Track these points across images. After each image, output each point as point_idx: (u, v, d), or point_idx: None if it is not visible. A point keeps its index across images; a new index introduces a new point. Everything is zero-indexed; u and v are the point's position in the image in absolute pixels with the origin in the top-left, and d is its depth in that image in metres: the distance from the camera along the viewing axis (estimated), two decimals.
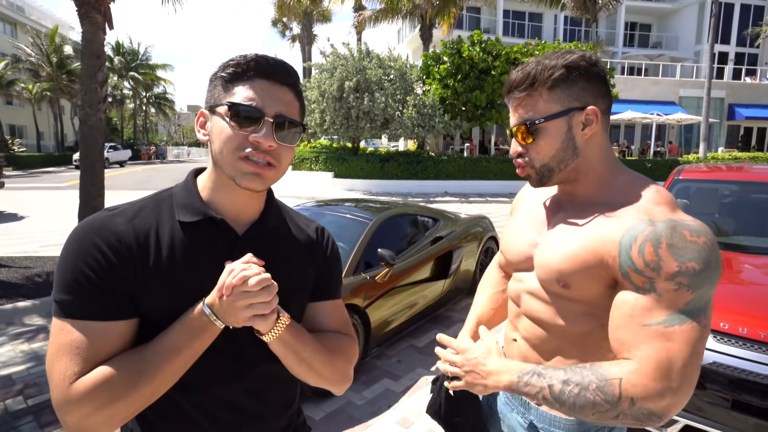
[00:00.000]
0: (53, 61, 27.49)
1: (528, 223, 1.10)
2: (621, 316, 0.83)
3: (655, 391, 0.76)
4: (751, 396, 1.95)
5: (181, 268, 0.79)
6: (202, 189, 0.86)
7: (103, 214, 0.80)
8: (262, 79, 0.80)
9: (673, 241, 0.79)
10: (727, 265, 2.79)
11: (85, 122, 5.28)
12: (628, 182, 0.95)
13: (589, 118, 0.93)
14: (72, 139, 34.40)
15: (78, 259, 0.73)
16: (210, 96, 0.83)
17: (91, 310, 0.73)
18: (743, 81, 26.34)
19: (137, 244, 0.77)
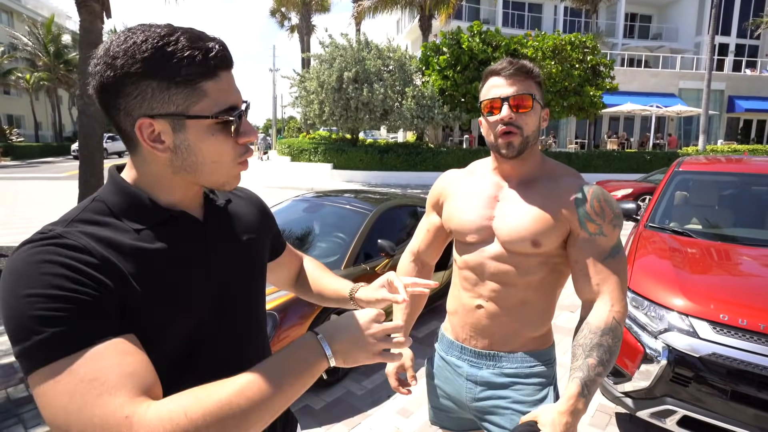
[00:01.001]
0: (50, 51, 27.24)
1: (476, 202, 1.27)
2: (587, 259, 1.13)
3: (626, 304, 1.14)
4: (749, 387, 1.96)
5: (159, 273, 0.69)
6: (146, 187, 0.73)
7: (48, 238, 0.63)
8: (223, 70, 0.70)
9: (605, 196, 1.16)
10: (726, 256, 2.80)
11: (83, 112, 5.25)
12: (553, 163, 1.28)
13: (545, 117, 1.23)
14: (70, 130, 34.20)
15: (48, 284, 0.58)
16: (158, 100, 0.66)
17: (93, 331, 0.59)
18: (743, 73, 26.24)
19: (106, 256, 0.64)
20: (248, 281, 0.87)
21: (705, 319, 2.12)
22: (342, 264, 3.32)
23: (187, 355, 0.74)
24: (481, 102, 1.21)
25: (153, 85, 0.65)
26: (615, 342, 1.08)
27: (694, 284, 2.37)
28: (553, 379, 1.27)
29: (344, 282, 1.11)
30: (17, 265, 0.60)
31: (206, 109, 0.68)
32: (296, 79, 16.15)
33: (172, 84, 0.65)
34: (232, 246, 0.84)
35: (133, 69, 0.64)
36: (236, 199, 0.94)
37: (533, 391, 1.23)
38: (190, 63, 0.65)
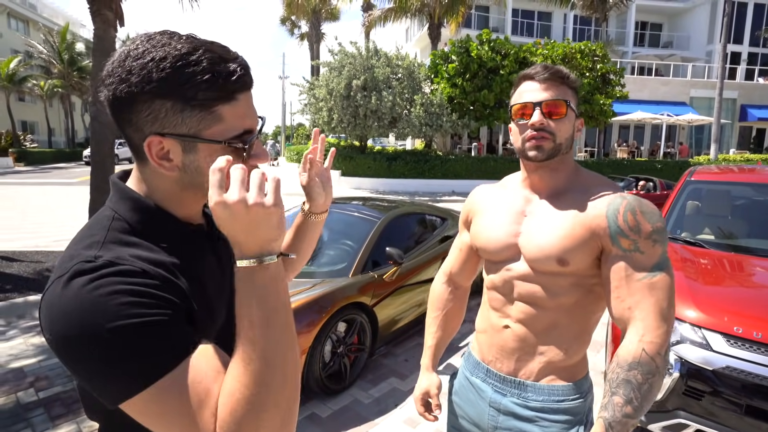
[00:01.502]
0: (64, 59, 27.72)
1: (502, 218, 1.20)
2: (618, 279, 1.02)
3: (663, 334, 0.97)
4: (764, 401, 1.92)
5: (197, 281, 0.70)
6: (157, 201, 0.71)
7: (97, 266, 0.59)
8: (243, 92, 0.67)
9: (642, 208, 1.03)
10: (739, 268, 2.76)
11: (96, 118, 5.32)
12: (588, 174, 1.18)
13: (579, 126, 1.16)
14: (82, 136, 34.71)
15: (122, 315, 0.56)
16: (170, 120, 0.63)
17: (180, 349, 0.59)
18: (756, 81, 25.98)
19: (161, 273, 0.64)
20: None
21: (718, 332, 2.09)
22: (350, 271, 3.32)
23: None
24: (512, 106, 1.14)
25: (167, 106, 0.62)
26: (646, 378, 0.94)
27: (707, 296, 2.34)
28: (584, 416, 1.14)
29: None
30: (82, 302, 0.57)
31: (219, 134, 0.65)
32: (305, 87, 16.28)
33: (188, 107, 0.63)
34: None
35: (147, 88, 0.61)
36: None
37: (559, 429, 1.12)
38: (208, 88, 0.62)
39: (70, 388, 2.99)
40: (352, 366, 3.18)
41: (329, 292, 2.97)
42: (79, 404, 2.81)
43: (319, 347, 2.85)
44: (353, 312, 3.11)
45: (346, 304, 3.03)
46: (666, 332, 0.97)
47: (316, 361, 2.84)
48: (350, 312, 3.08)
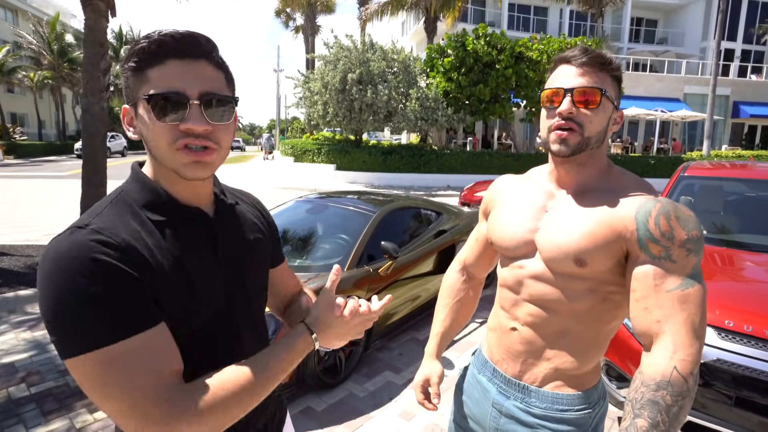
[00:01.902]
0: (54, 49, 27.36)
1: (521, 212, 1.13)
2: (646, 287, 0.91)
3: (695, 353, 0.87)
4: (754, 393, 1.95)
5: (178, 267, 0.75)
6: (157, 180, 0.79)
7: (85, 231, 0.69)
8: (174, 59, 0.72)
9: (678, 214, 0.92)
10: (730, 262, 2.78)
11: (87, 111, 5.26)
12: (621, 173, 1.08)
13: (617, 119, 1.05)
14: (73, 128, 34.34)
15: (90, 280, 0.64)
16: (126, 89, 0.75)
17: (127, 323, 0.66)
18: (748, 79, 26.15)
19: (135, 249, 0.71)
20: (252, 276, 0.92)
21: (710, 325, 2.11)
22: (345, 265, 3.31)
23: (205, 343, 0.80)
24: (543, 90, 1.05)
25: (126, 76, 0.75)
26: (676, 400, 0.84)
27: None
28: (590, 428, 1.07)
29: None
30: (59, 257, 0.66)
31: (143, 93, 0.72)
32: (300, 80, 16.19)
33: (131, 75, 0.73)
34: (239, 243, 0.90)
35: (122, 65, 0.75)
36: (242, 203, 1.00)
37: None
38: (139, 52, 0.72)
39: (63, 384, 2.97)
40: (347, 360, 3.18)
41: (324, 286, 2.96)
42: (71, 399, 2.80)
43: None
44: None
45: None
46: (698, 350, 0.87)
47: (312, 356, 2.84)
48: None
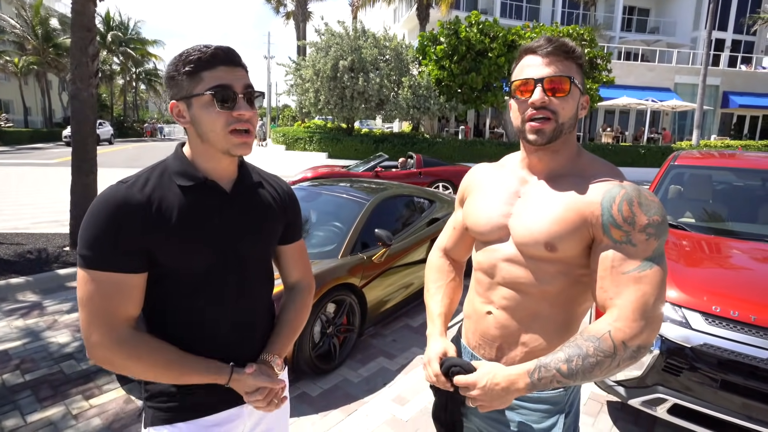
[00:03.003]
0: (39, 34, 26.70)
1: (495, 198, 1.16)
2: (603, 269, 0.97)
3: (638, 328, 0.92)
4: (739, 376, 2.01)
5: (187, 225, 0.98)
6: (192, 159, 1.04)
7: (121, 187, 0.96)
8: (222, 65, 0.97)
9: (641, 200, 0.97)
10: (718, 250, 2.84)
11: (75, 97, 5.17)
12: (591, 159, 1.12)
13: (584, 104, 1.09)
14: (60, 115, 33.67)
15: (105, 223, 0.91)
16: (178, 89, 0.97)
17: (119, 264, 0.93)
18: (738, 69, 26.32)
19: (152, 209, 0.95)
20: (246, 245, 1.08)
21: (698, 311, 2.16)
22: (339, 253, 3.33)
23: (195, 291, 1.02)
24: (512, 82, 1.07)
25: (176, 79, 0.98)
26: (596, 354, 0.91)
27: (688, 277, 2.41)
28: (567, 405, 1.12)
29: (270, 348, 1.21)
30: (99, 199, 0.94)
31: (201, 89, 0.96)
32: (291, 67, 16.00)
33: (184, 76, 0.97)
34: (241, 216, 1.08)
35: (168, 72, 0.99)
36: (268, 185, 1.19)
37: (539, 417, 1.10)
38: (194, 60, 0.95)
39: (57, 371, 2.97)
40: (342, 346, 3.21)
41: (318, 273, 2.98)
42: (67, 386, 2.80)
43: (308, 328, 2.87)
44: (342, 293, 3.14)
45: (336, 285, 3.05)
46: (642, 329, 0.91)
47: (306, 342, 2.86)
48: (339, 293, 3.11)
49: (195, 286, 1.02)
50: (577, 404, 1.17)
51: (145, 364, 0.95)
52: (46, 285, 4.50)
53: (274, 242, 1.20)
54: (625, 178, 1.05)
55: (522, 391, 0.96)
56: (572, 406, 1.14)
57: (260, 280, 1.15)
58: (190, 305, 1.03)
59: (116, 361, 0.94)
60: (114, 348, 0.93)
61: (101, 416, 2.54)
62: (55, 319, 3.77)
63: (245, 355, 1.10)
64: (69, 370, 2.98)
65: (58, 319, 3.78)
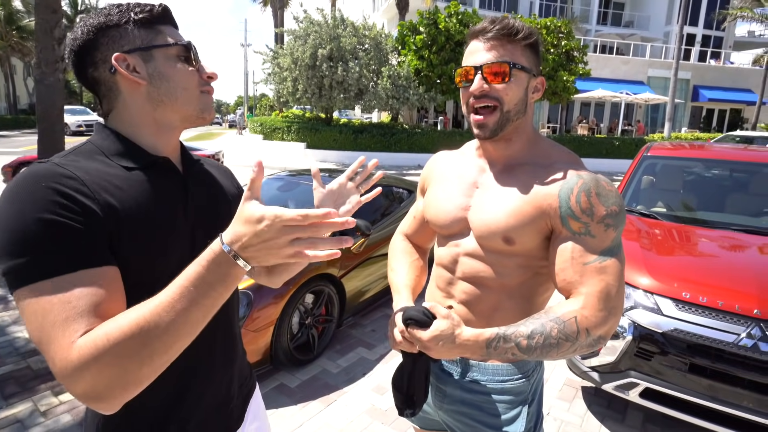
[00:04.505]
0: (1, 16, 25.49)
1: (453, 190, 1.12)
2: (564, 260, 0.95)
3: (602, 318, 0.91)
4: (706, 360, 2.08)
5: (145, 213, 0.76)
6: (129, 136, 0.82)
7: (44, 164, 0.70)
8: (170, 25, 0.86)
9: (599, 190, 0.95)
10: (688, 238, 2.92)
11: (41, 82, 4.95)
12: (549, 145, 1.08)
13: (538, 87, 1.04)
14: (26, 102, 32.29)
15: (41, 208, 0.64)
16: (126, 40, 0.79)
17: (77, 259, 0.65)
18: (708, 63, 27.07)
19: (98, 187, 0.71)
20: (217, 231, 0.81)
21: (668, 297, 2.22)
22: None
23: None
24: (455, 70, 1.04)
25: (119, 30, 0.79)
26: (559, 337, 0.89)
27: (660, 264, 2.47)
28: (530, 395, 1.11)
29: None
30: (17, 185, 0.67)
31: (165, 41, 0.82)
32: (269, 55, 15.70)
33: (135, 26, 0.80)
34: (209, 196, 0.93)
35: (99, 22, 0.79)
36: (209, 165, 1.01)
37: (503, 409, 1.09)
38: (143, 10, 0.81)
39: (24, 366, 2.87)
40: (320, 337, 3.20)
41: None
42: (35, 382, 2.71)
43: (287, 319, 2.84)
44: (321, 283, 3.11)
45: (314, 276, 3.02)
46: (605, 319, 0.90)
47: (284, 333, 2.84)
48: (318, 283, 3.08)
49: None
50: (540, 393, 1.17)
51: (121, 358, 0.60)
52: None
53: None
54: (583, 165, 1.02)
55: (473, 354, 0.92)
56: (535, 395, 1.14)
57: None
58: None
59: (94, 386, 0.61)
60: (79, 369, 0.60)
61: (71, 412, 2.47)
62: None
63: (224, 353, 0.95)
64: (37, 366, 2.88)
65: None
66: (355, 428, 2.46)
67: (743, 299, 2.09)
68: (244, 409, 1.02)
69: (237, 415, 0.99)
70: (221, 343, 0.92)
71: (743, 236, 2.82)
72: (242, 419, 1.00)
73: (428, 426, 1.30)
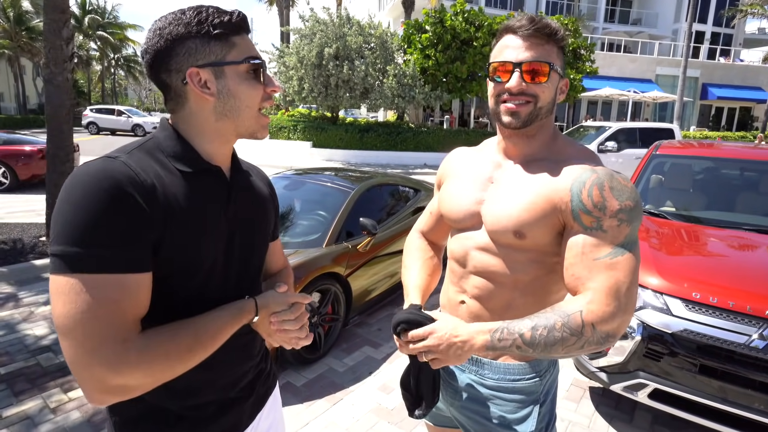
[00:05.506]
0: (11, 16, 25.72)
1: (468, 184, 1.13)
2: (574, 255, 0.94)
3: (609, 314, 0.88)
4: (717, 361, 2.05)
5: (195, 216, 0.81)
6: (189, 139, 0.86)
7: (115, 162, 0.74)
8: (245, 33, 0.85)
9: (612, 184, 0.94)
10: (698, 238, 2.89)
11: (50, 82, 4.98)
12: (566, 142, 1.09)
13: (563, 89, 1.06)
14: (35, 102, 32.60)
15: (108, 206, 0.68)
16: (201, 54, 0.80)
17: (130, 262, 0.70)
18: (717, 61, 26.77)
19: (156, 192, 0.75)
20: (256, 237, 0.98)
21: (678, 297, 2.20)
22: (324, 242, 3.30)
23: (200, 293, 0.85)
24: (490, 63, 1.03)
25: (196, 42, 0.80)
26: (563, 330, 0.88)
27: (669, 264, 2.45)
28: (542, 395, 1.11)
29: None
30: (87, 175, 0.70)
31: (237, 57, 0.82)
32: (275, 54, 15.74)
33: (211, 39, 0.80)
34: (249, 204, 0.97)
35: (179, 32, 0.79)
36: (255, 174, 1.07)
37: (514, 408, 1.09)
38: (222, 22, 0.81)
39: (34, 363, 2.89)
40: (327, 335, 3.20)
41: (303, 263, 2.95)
42: (44, 379, 2.73)
43: None
44: (327, 282, 3.11)
45: (320, 275, 3.02)
46: (613, 313, 0.88)
47: None
48: (324, 282, 3.08)
49: (199, 288, 0.84)
50: (553, 394, 1.16)
51: (167, 362, 0.73)
52: (22, 276, 4.37)
53: (269, 235, 1.07)
54: (599, 161, 1.02)
55: (479, 350, 0.92)
56: (547, 395, 1.13)
57: (258, 278, 1.04)
58: (190, 307, 0.83)
59: (135, 381, 0.71)
60: (133, 366, 0.69)
61: (80, 409, 2.49)
62: (31, 311, 3.67)
63: (249, 358, 0.99)
64: (46, 363, 2.91)
65: (35, 310, 3.67)
66: (361, 427, 2.46)
67: (755, 300, 2.06)
68: (259, 407, 1.03)
69: (250, 412, 1.00)
70: (240, 339, 0.93)
71: (754, 236, 2.79)
72: (254, 416, 1.01)
73: (441, 422, 1.31)
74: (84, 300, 0.66)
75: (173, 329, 0.76)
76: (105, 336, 0.67)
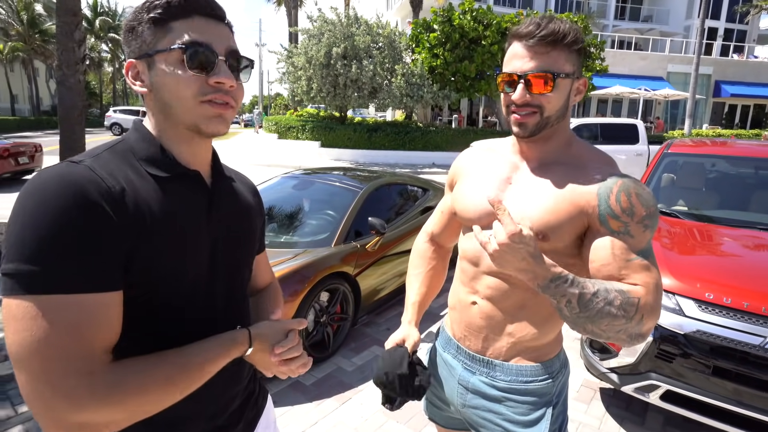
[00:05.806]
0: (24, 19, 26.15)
1: (484, 184, 1.12)
2: (604, 257, 0.94)
3: (657, 311, 0.92)
4: (731, 363, 2.02)
5: (169, 224, 0.72)
6: (162, 141, 0.77)
7: (77, 167, 0.65)
8: (200, 15, 0.74)
9: (638, 191, 0.95)
10: (711, 237, 2.85)
11: (62, 83, 5.07)
12: (583, 146, 1.09)
13: (580, 88, 1.04)
14: (48, 103, 33.12)
15: (68, 215, 0.59)
16: (139, 42, 0.73)
17: (94, 280, 0.61)
18: (730, 58, 26.39)
19: (127, 196, 0.67)
20: (239, 247, 0.90)
21: (691, 298, 2.17)
22: (332, 241, 3.30)
23: (180, 311, 0.77)
24: (497, 74, 1.04)
25: (138, 30, 0.72)
26: (619, 306, 0.88)
27: (681, 264, 2.41)
28: (554, 396, 1.11)
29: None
30: (44, 182, 0.62)
31: (168, 44, 0.72)
32: (283, 55, 15.80)
33: (146, 26, 0.72)
34: (232, 212, 0.89)
35: (128, 20, 0.73)
36: (237, 181, 0.98)
37: (527, 410, 1.09)
38: (163, 5, 0.71)
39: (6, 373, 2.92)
40: (335, 335, 3.21)
41: (312, 262, 2.96)
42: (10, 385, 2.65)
43: (302, 316, 2.85)
44: (336, 281, 3.12)
45: (329, 274, 3.03)
46: (657, 313, 0.91)
47: (300, 331, 2.84)
48: (333, 281, 3.09)
49: (183, 307, 0.76)
50: (565, 395, 1.16)
51: (144, 397, 0.65)
52: None
53: (256, 246, 1.00)
54: (617, 167, 1.03)
55: (540, 273, 0.87)
56: (560, 396, 1.13)
57: (244, 292, 0.95)
58: (174, 329, 0.75)
59: (103, 418, 0.62)
60: (100, 401, 0.60)
61: None
62: None
63: (237, 383, 0.91)
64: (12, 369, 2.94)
65: None
66: (369, 426, 2.46)
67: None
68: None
69: None
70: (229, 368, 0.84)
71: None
72: None
73: (451, 425, 1.30)
74: (40, 326, 0.57)
75: (153, 360, 0.68)
76: (65, 367, 0.58)
